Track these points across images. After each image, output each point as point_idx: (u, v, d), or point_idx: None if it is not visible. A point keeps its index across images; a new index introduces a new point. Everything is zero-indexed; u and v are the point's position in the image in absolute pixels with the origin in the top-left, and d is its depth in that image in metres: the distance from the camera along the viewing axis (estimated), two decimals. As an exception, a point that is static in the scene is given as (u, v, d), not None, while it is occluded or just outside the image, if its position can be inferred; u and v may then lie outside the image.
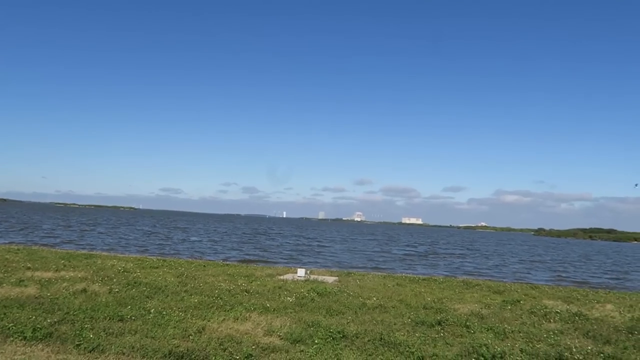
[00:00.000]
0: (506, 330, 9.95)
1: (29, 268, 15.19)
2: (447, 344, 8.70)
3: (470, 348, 8.30)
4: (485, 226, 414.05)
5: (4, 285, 11.91)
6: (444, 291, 15.92)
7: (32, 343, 7.51)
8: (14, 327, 8.05)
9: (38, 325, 8.17)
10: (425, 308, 12.25)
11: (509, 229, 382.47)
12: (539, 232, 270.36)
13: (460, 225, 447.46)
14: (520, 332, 9.91)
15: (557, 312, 12.56)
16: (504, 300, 14.19)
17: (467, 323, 10.37)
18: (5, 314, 8.92)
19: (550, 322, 11.38)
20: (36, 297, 10.69)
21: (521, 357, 7.89)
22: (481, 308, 12.68)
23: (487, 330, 9.92)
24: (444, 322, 10.34)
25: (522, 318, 11.61)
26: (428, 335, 9.18)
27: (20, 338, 7.67)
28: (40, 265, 16.19)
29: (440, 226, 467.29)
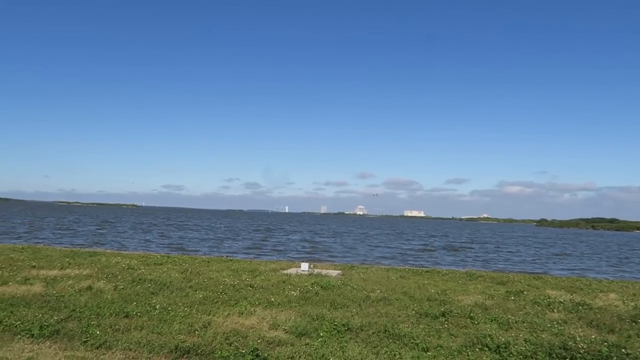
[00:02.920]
0: (510, 320, 9.99)
1: (34, 266, 15.26)
2: (451, 335, 8.74)
3: (475, 339, 8.34)
4: (487, 218, 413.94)
5: (10, 283, 11.98)
6: (447, 283, 15.96)
7: (40, 340, 7.58)
8: (21, 325, 8.12)
9: (45, 323, 8.24)
10: (429, 300, 12.29)
11: (511, 220, 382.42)
12: (541, 222, 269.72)
13: (463, 217, 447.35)
14: (524, 322, 9.95)
15: (560, 302, 12.60)
16: (507, 291, 14.22)
17: (471, 314, 10.41)
18: (12, 312, 8.99)
19: (553, 312, 11.42)
20: (42, 295, 10.76)
21: (525, 347, 7.93)
22: (485, 299, 12.71)
23: (491, 321, 9.96)
24: (448, 314, 10.39)
25: (525, 308, 11.64)
26: (432, 327, 9.22)
27: (27, 336, 7.75)
28: (45, 263, 16.27)
29: (442, 218, 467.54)
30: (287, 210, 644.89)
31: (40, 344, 7.43)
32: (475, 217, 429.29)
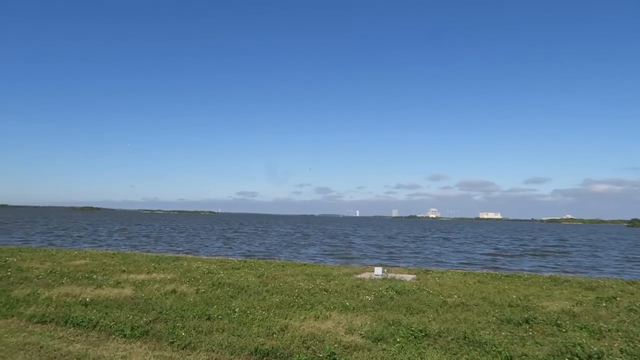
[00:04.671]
0: (602, 329, 9.30)
1: (124, 271, 16.35)
2: (536, 343, 8.29)
3: (563, 348, 7.85)
4: (571, 218, 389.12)
5: (104, 287, 12.91)
6: (529, 288, 15.16)
7: (131, 340, 8.13)
8: (114, 326, 8.76)
9: (135, 324, 8.82)
10: (511, 306, 11.73)
11: (598, 221, 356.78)
12: (634, 223, 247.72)
13: (544, 218, 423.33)
14: (618, 330, 9.22)
15: (660, 309, 11.54)
16: (597, 297, 13.26)
17: (558, 321, 9.81)
18: (107, 313, 9.70)
19: (652, 320, 10.48)
20: (132, 298, 11.50)
21: (621, 357, 7.35)
22: (572, 305, 11.92)
23: (581, 329, 9.33)
24: (531, 321, 9.86)
25: (619, 316, 10.79)
26: (515, 334, 8.80)
27: (120, 335, 8.35)
28: (134, 268, 17.36)
29: (521, 220, 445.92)
30: (357, 215, 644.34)
31: (132, 344, 7.96)
32: (558, 218, 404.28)
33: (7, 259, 19.15)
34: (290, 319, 9.56)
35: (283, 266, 20.31)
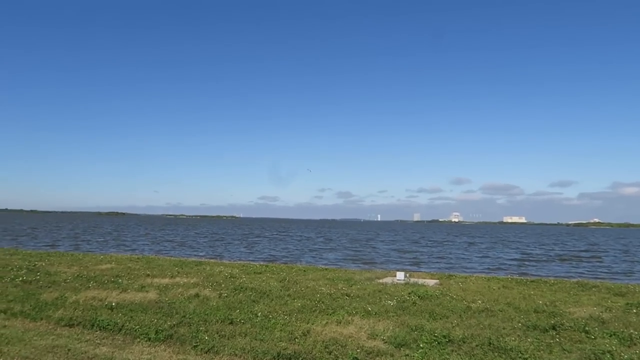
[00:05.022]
0: (633, 336, 9.03)
1: (148, 275, 16.57)
2: (564, 350, 8.10)
3: (592, 355, 7.66)
4: (598, 222, 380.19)
5: (129, 291, 13.11)
6: (556, 293, 14.84)
7: (156, 344, 8.24)
8: (139, 329, 8.88)
9: (160, 328, 8.93)
10: (537, 311, 11.50)
11: (627, 225, 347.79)
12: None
13: (570, 222, 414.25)
14: (649, 338, 8.94)
15: (694, 316, 11.16)
16: (627, 303, 12.89)
17: (586, 328, 9.57)
18: (132, 317, 9.84)
19: (686, 327, 10.13)
20: (156, 302, 11.64)
21: (653, 365, 7.13)
22: (601, 311, 11.61)
23: (610, 335, 9.08)
24: (558, 327, 9.64)
25: (651, 323, 10.46)
26: (542, 341, 8.61)
27: (145, 339, 8.46)
28: (158, 272, 17.59)
29: (546, 224, 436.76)
30: (379, 219, 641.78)
31: (156, 347, 8.07)
32: (585, 222, 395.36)
33: (36, 263, 19.62)
34: (312, 324, 9.55)
35: (305, 271, 20.30)
